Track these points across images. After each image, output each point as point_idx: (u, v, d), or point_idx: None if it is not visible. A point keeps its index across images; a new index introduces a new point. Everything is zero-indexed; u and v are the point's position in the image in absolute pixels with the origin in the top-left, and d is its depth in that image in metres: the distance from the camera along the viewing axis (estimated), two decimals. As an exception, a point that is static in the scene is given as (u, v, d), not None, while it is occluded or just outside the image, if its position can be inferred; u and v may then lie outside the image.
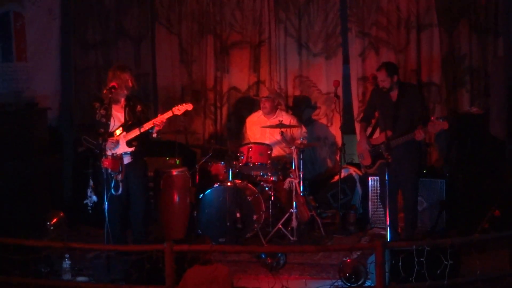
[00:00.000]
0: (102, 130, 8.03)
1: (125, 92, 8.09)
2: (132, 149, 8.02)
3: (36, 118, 9.68)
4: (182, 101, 10.75)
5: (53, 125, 10.30)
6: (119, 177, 7.89)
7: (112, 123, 8.05)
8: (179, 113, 8.10)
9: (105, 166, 7.77)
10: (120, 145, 8.01)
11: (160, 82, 11.05)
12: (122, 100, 8.15)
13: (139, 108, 8.21)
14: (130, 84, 8.09)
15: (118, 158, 7.91)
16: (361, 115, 9.59)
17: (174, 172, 9.16)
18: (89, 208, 7.92)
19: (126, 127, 8.04)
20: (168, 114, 8.03)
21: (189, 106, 8.13)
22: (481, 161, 9.25)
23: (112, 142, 7.96)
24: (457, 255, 6.87)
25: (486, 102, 9.96)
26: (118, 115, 8.12)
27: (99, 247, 7.96)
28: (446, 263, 6.58)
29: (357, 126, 10.14)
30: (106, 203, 7.74)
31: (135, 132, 8.01)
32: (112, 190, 7.86)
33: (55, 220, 9.23)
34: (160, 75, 11.04)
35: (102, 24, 11.01)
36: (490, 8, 9.99)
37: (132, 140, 8.03)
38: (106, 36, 11.02)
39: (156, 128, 8.04)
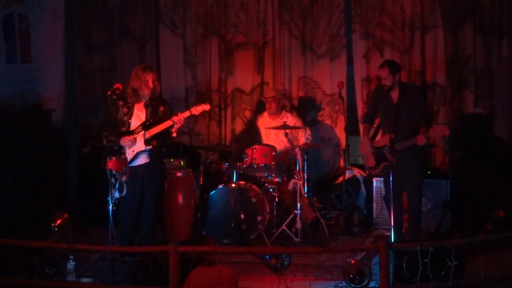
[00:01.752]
0: (124, 128, 8.06)
1: (146, 92, 8.06)
2: (149, 147, 8.00)
3: (41, 119, 9.70)
4: (186, 102, 10.84)
5: (58, 127, 10.32)
6: (124, 178, 7.88)
7: (133, 122, 8.06)
8: (197, 113, 8.08)
9: (109, 167, 7.77)
10: (138, 143, 8.01)
11: (165, 83, 11.02)
12: (146, 99, 8.15)
13: (161, 108, 8.15)
14: (151, 85, 8.05)
15: (123, 159, 7.91)
16: (363, 115, 9.55)
17: (179, 173, 9.15)
18: (112, 204, 7.90)
19: (146, 126, 8.03)
20: (186, 113, 8.00)
21: (206, 107, 8.11)
22: (486, 162, 9.24)
23: (129, 140, 7.97)
24: (462, 256, 6.86)
25: (490, 103, 9.95)
26: (139, 114, 8.10)
27: (103, 249, 7.97)
28: (450, 264, 6.59)
29: (361, 127, 10.13)
30: (111, 204, 7.75)
31: (154, 130, 8.00)
32: (117, 192, 7.86)
33: (59, 221, 9.24)
34: (164, 77, 11.04)
35: (107, 25, 11.03)
36: (495, 10, 9.98)
37: (151, 138, 8.01)
38: (111, 37, 11.04)
39: (176, 126, 7.98)
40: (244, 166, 9.25)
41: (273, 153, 9.27)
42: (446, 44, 10.14)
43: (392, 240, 7.97)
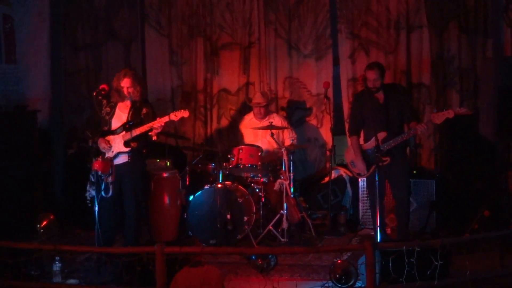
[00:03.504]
0: (106, 127, 8.07)
1: (126, 96, 8.08)
2: (128, 149, 8.00)
3: (26, 120, 9.68)
4: (172, 103, 10.84)
5: (43, 128, 10.29)
6: (110, 179, 7.88)
7: (114, 121, 8.09)
8: (175, 118, 8.08)
9: (95, 168, 7.77)
10: (118, 143, 8.00)
11: (150, 84, 11.03)
12: (128, 101, 8.14)
13: (144, 110, 8.18)
14: (125, 92, 8.06)
15: (109, 160, 7.90)
16: (349, 127, 9.20)
17: (165, 174, 9.16)
18: (87, 201, 7.90)
19: (126, 128, 8.02)
20: (165, 119, 8.01)
21: (185, 113, 8.12)
22: (471, 161, 9.28)
23: (104, 147, 7.96)
24: (447, 255, 6.89)
25: (475, 103, 9.98)
26: (121, 115, 8.12)
27: (89, 250, 7.95)
28: (436, 263, 6.60)
29: (349, 136, 9.96)
30: (96, 205, 7.74)
31: (134, 132, 7.98)
32: (103, 193, 7.85)
33: (45, 222, 9.24)
34: (150, 77, 11.03)
35: (92, 26, 11.01)
36: (480, 10, 10.00)
37: (130, 140, 8.01)
38: (96, 38, 11.02)
39: (155, 131, 8.01)
40: (230, 166, 9.25)
41: (259, 154, 9.28)
42: (431, 44, 10.16)
43: (378, 240, 7.98)
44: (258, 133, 9.88)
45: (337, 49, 10.60)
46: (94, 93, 8.02)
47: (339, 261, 7.28)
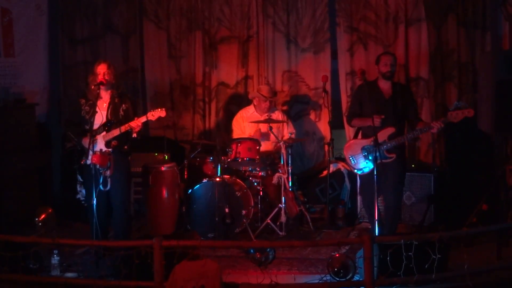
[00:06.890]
0: (87, 126, 8.02)
1: (102, 82, 7.98)
2: (110, 149, 7.95)
3: (24, 114, 9.68)
4: (170, 96, 10.83)
5: (42, 121, 10.29)
6: (108, 173, 7.88)
7: (94, 120, 7.99)
8: (153, 118, 8.02)
9: (94, 162, 7.76)
10: (99, 143, 7.96)
11: (149, 77, 11.03)
12: (107, 97, 8.09)
13: (124, 107, 8.13)
14: (101, 77, 7.97)
15: (107, 154, 7.89)
16: (347, 116, 9.23)
17: (163, 167, 9.15)
18: (83, 202, 7.90)
19: (106, 128, 7.98)
20: (142, 119, 7.96)
21: (162, 113, 8.03)
22: (469, 155, 9.28)
23: (88, 144, 7.90)
24: (445, 249, 6.89)
25: (474, 97, 9.98)
26: (101, 113, 8.02)
27: (88, 243, 7.95)
28: (434, 257, 6.61)
29: (347, 125, 9.94)
30: (95, 199, 7.73)
31: (113, 133, 7.94)
32: (101, 186, 7.85)
33: (43, 216, 9.23)
34: (148, 71, 11.03)
35: (90, 19, 10.99)
36: (478, 3, 10.00)
37: (111, 140, 7.96)
38: (94, 31, 11.01)
39: (135, 130, 7.97)
40: (229, 160, 9.24)
41: (257, 147, 9.27)
42: (430, 38, 10.16)
43: (376, 234, 7.98)
44: (258, 127, 9.88)
45: (336, 43, 10.60)
46: (92, 87, 7.99)
47: (337, 255, 7.29)
